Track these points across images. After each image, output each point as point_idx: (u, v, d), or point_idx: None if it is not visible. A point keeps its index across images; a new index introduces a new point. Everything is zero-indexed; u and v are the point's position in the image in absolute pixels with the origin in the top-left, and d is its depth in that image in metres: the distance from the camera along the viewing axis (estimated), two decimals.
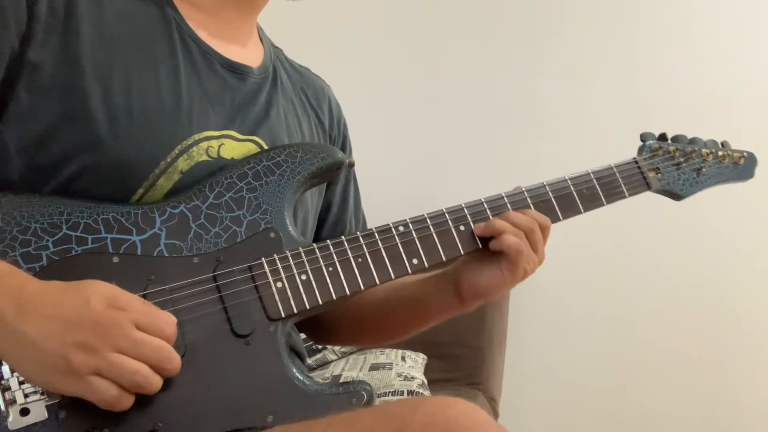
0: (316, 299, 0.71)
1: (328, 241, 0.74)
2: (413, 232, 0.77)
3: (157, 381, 0.60)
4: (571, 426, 2.08)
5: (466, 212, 0.80)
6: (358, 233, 0.76)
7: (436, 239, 0.78)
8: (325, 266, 0.73)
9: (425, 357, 1.77)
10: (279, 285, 0.70)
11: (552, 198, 0.84)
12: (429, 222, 0.78)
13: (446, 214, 0.80)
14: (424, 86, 2.11)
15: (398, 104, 2.11)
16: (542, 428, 2.06)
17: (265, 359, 0.68)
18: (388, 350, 1.74)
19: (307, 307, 0.71)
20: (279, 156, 0.76)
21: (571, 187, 0.85)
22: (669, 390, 2.04)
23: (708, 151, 0.97)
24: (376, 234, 0.76)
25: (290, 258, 0.72)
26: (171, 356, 0.60)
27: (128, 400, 0.59)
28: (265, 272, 0.70)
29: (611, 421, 2.06)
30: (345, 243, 0.74)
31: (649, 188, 0.92)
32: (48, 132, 0.67)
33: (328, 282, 0.72)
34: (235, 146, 0.77)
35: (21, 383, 0.60)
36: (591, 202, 0.86)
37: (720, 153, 0.98)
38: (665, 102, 2.01)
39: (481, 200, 0.82)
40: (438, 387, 1.71)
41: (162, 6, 0.77)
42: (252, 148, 0.78)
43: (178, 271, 0.68)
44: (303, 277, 0.71)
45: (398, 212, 0.83)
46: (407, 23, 2.12)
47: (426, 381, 1.64)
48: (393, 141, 2.09)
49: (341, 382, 0.72)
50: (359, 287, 0.73)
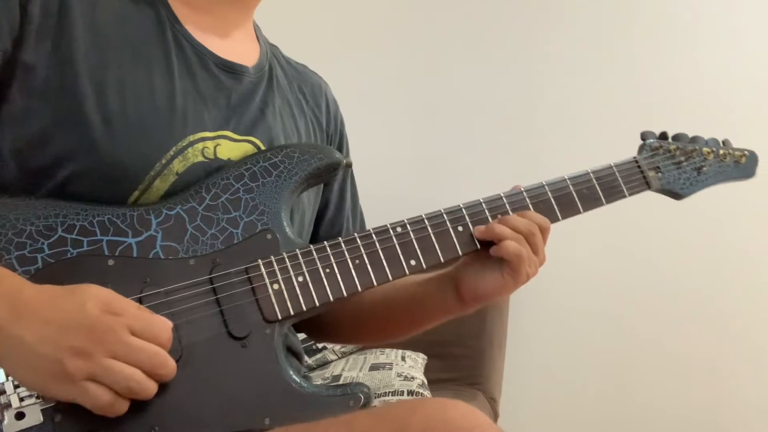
0: (313, 301, 0.71)
1: (325, 243, 0.73)
2: (411, 233, 0.77)
3: (152, 386, 0.60)
4: (571, 426, 2.07)
5: (465, 213, 0.80)
6: (356, 234, 0.75)
7: (434, 240, 0.77)
8: (322, 268, 0.72)
9: (425, 357, 1.77)
10: (275, 287, 0.70)
11: (551, 198, 0.83)
12: (427, 223, 0.78)
13: (444, 215, 0.79)
14: (423, 86, 2.11)
15: (397, 104, 2.11)
16: (542, 428, 2.06)
17: (262, 361, 0.68)
18: (388, 350, 1.73)
19: (304, 309, 0.70)
20: (276, 157, 0.75)
21: (571, 187, 0.85)
22: (669, 390, 2.04)
23: (709, 150, 0.96)
24: (374, 235, 0.75)
25: (287, 260, 0.71)
26: (165, 361, 0.60)
27: (123, 406, 0.59)
28: (262, 274, 0.70)
29: (611, 421, 2.05)
30: (342, 244, 0.74)
31: (650, 187, 0.91)
32: (42, 134, 0.67)
33: (325, 284, 0.72)
34: (232, 147, 0.76)
35: (16, 387, 0.59)
36: (590, 202, 0.86)
37: (721, 152, 0.97)
38: (665, 101, 2.00)
39: (480, 201, 0.81)
40: (438, 387, 1.70)
41: (155, 6, 0.76)
42: (249, 149, 0.77)
43: (175, 274, 0.67)
44: (300, 279, 0.71)
45: (396, 213, 0.82)
46: (408, 23, 2.12)
47: (426, 381, 1.64)
48: (391, 141, 2.08)
49: (338, 384, 0.72)
50: (356, 289, 0.73)
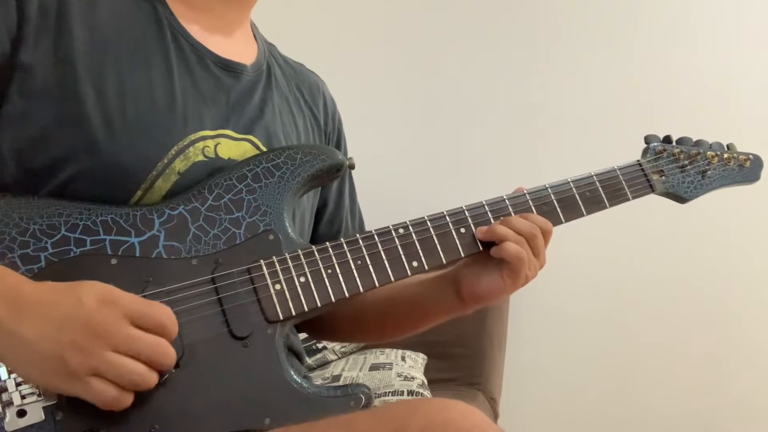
0: (315, 302, 0.71)
1: (327, 244, 0.74)
2: (413, 235, 0.77)
3: (154, 378, 0.60)
4: (571, 426, 2.07)
5: (467, 215, 0.80)
6: (358, 235, 0.75)
7: (437, 242, 0.77)
8: (324, 269, 0.72)
9: (425, 357, 1.77)
10: (277, 287, 0.70)
11: (554, 200, 0.83)
12: (429, 224, 0.78)
13: (447, 217, 0.79)
14: (425, 87, 2.10)
15: (399, 105, 2.10)
16: (542, 428, 2.06)
17: (263, 361, 0.68)
18: (388, 350, 1.74)
19: (306, 310, 0.70)
20: (278, 158, 0.75)
21: (574, 190, 0.85)
22: (668, 390, 2.04)
23: (713, 154, 0.95)
24: (376, 236, 0.75)
25: (289, 260, 0.71)
26: (166, 351, 0.60)
27: (127, 399, 0.59)
28: (264, 274, 0.70)
29: (611, 421, 2.05)
30: (344, 245, 0.74)
31: (653, 191, 0.91)
32: (42, 135, 0.67)
33: (327, 285, 0.72)
34: (231, 145, 0.76)
35: (18, 384, 0.60)
36: (593, 205, 0.86)
37: (725, 155, 0.96)
38: (665, 101, 2.00)
39: (482, 202, 0.81)
40: (438, 387, 1.70)
41: (153, 5, 0.76)
42: (248, 148, 0.78)
43: (177, 273, 0.67)
44: (302, 280, 0.71)
45: (398, 214, 0.82)
46: (408, 23, 2.11)
47: (426, 381, 1.64)
48: (393, 142, 2.08)
49: (339, 385, 0.72)
50: (358, 290, 0.73)
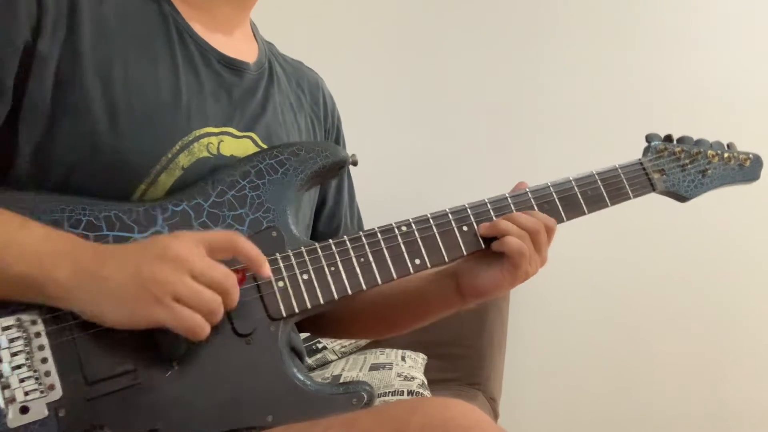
0: (318, 299, 0.71)
1: (330, 241, 0.74)
2: (416, 232, 0.77)
3: (228, 304, 0.64)
4: (571, 426, 2.07)
5: (470, 212, 0.80)
6: (361, 233, 0.75)
7: (439, 239, 0.78)
8: (327, 266, 0.72)
9: (425, 357, 1.77)
10: (280, 284, 0.70)
11: (556, 199, 0.83)
12: (432, 222, 0.78)
13: (449, 215, 0.79)
14: (427, 85, 2.10)
15: (401, 103, 2.10)
16: (542, 428, 2.06)
17: (266, 359, 0.68)
18: (388, 350, 1.73)
19: (309, 307, 0.71)
20: (282, 154, 0.75)
21: (576, 188, 0.85)
22: (669, 390, 2.04)
23: (713, 153, 0.96)
24: (379, 234, 0.76)
25: (292, 257, 0.71)
26: (235, 283, 0.64)
27: (207, 328, 0.62)
28: None
29: (611, 421, 2.05)
30: (347, 243, 0.74)
31: (654, 189, 0.91)
32: (50, 126, 0.67)
33: (330, 282, 0.72)
34: (233, 143, 0.77)
35: (21, 381, 0.60)
36: (595, 203, 0.86)
37: (726, 155, 0.97)
38: (665, 101, 2.00)
39: (485, 200, 0.81)
40: (438, 387, 1.70)
41: (159, 2, 0.77)
42: (248, 145, 0.78)
43: None
44: (305, 277, 0.71)
45: (401, 212, 0.82)
46: (409, 24, 2.11)
47: (426, 381, 1.64)
48: (395, 140, 2.08)
49: (342, 383, 0.72)
50: (361, 287, 0.73)
